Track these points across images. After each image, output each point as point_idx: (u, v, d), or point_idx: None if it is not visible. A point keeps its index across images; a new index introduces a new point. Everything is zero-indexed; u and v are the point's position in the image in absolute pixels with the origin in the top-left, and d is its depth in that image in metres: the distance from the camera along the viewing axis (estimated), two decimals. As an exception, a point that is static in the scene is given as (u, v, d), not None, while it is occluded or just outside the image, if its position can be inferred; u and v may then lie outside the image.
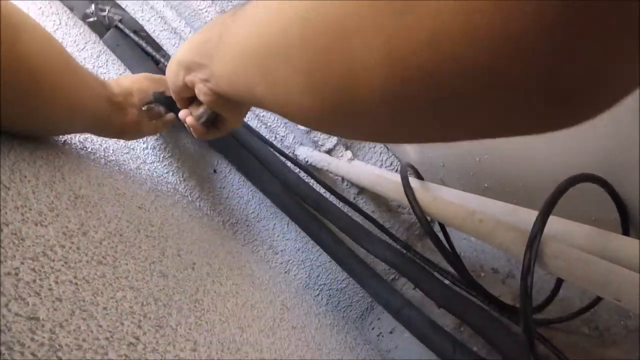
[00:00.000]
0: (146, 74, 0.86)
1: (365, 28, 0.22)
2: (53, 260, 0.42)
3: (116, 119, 0.77)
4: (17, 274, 0.36)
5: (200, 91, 0.52)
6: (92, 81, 0.71)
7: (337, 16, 0.24)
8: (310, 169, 1.11)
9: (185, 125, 0.67)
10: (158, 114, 0.87)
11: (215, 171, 1.18)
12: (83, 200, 0.58)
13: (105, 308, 0.42)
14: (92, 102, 0.70)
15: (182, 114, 0.66)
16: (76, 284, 0.42)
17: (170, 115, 0.91)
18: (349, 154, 1.15)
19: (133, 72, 1.06)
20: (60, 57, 0.62)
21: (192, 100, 0.66)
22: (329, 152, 1.15)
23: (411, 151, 1.14)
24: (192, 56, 0.51)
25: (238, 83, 0.40)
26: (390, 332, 1.26)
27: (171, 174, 1.15)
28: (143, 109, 0.83)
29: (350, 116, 0.28)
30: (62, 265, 0.42)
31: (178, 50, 0.57)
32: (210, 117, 0.64)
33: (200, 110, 0.64)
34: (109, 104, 0.74)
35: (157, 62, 1.05)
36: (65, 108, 0.64)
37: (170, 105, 0.94)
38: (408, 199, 0.75)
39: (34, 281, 0.37)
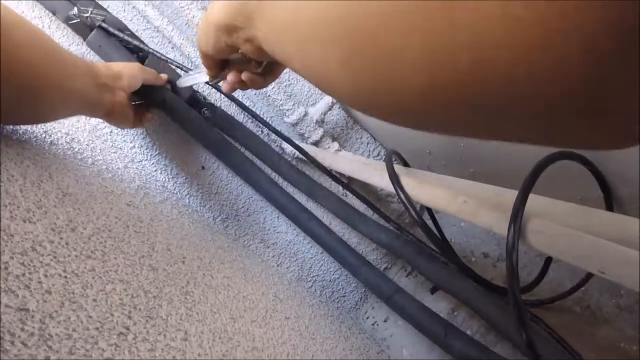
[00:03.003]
0: (139, 64, 0.88)
1: (402, 24, 0.22)
2: (42, 255, 0.42)
3: (104, 99, 0.80)
4: (6, 268, 0.36)
5: (248, 50, 0.51)
6: (80, 64, 0.72)
7: (378, 6, 0.24)
8: (304, 151, 1.11)
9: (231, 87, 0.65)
10: (143, 112, 0.89)
11: (203, 167, 1.18)
12: (71, 198, 0.58)
13: (94, 300, 0.42)
14: (81, 84, 0.73)
15: (232, 77, 0.65)
16: (65, 277, 0.42)
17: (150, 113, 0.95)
18: (335, 145, 1.16)
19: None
20: (47, 47, 0.64)
21: (223, 65, 0.65)
22: (316, 144, 1.15)
23: (398, 140, 1.15)
24: (232, 19, 0.49)
25: (275, 51, 0.40)
26: (385, 321, 1.26)
27: (159, 171, 1.15)
28: (132, 103, 0.85)
29: (383, 103, 0.28)
30: (51, 260, 0.43)
31: (209, 13, 0.54)
32: (266, 65, 0.63)
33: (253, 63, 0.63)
34: (95, 85, 0.77)
35: (142, 60, 1.05)
36: (56, 95, 0.66)
37: (155, 98, 0.96)
38: (393, 185, 0.76)
39: (24, 275, 0.37)
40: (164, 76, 0.98)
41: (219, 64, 0.63)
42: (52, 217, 0.50)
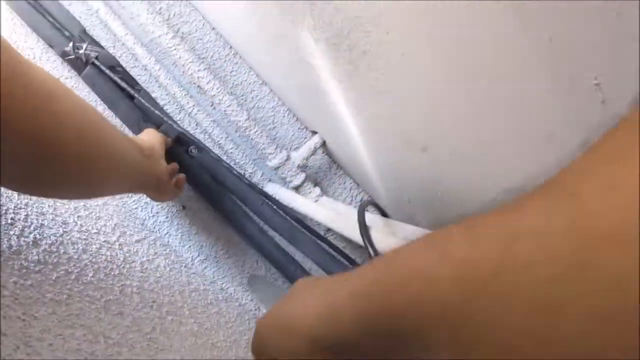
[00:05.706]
0: (155, 132, 0.94)
1: None
2: (3, 296, 0.42)
3: (154, 169, 0.81)
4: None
5: None
6: (124, 138, 0.70)
7: None
8: (280, 204, 1.11)
9: None
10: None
11: (184, 207, 1.18)
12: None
13: (51, 344, 0.42)
14: (131, 156, 0.71)
15: None
16: (24, 320, 0.42)
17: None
18: (317, 190, 1.16)
19: (110, 108, 1.11)
20: (95, 120, 0.60)
21: None
22: (297, 189, 1.15)
23: (379, 187, 1.15)
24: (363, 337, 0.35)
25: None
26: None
27: (140, 209, 1.15)
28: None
29: None
30: (12, 302, 0.43)
31: (296, 316, 0.37)
32: None
33: None
34: (142, 156, 0.77)
35: (131, 97, 1.07)
36: (105, 166, 0.62)
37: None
38: (362, 238, 0.76)
39: (-22, 318, 0.37)
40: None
41: None
42: (21, 260, 0.50)
